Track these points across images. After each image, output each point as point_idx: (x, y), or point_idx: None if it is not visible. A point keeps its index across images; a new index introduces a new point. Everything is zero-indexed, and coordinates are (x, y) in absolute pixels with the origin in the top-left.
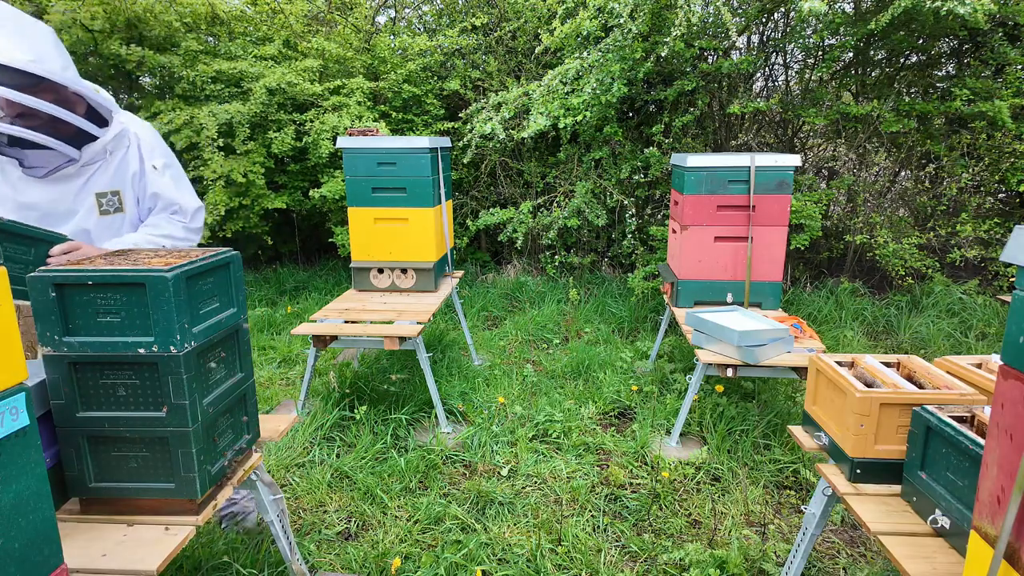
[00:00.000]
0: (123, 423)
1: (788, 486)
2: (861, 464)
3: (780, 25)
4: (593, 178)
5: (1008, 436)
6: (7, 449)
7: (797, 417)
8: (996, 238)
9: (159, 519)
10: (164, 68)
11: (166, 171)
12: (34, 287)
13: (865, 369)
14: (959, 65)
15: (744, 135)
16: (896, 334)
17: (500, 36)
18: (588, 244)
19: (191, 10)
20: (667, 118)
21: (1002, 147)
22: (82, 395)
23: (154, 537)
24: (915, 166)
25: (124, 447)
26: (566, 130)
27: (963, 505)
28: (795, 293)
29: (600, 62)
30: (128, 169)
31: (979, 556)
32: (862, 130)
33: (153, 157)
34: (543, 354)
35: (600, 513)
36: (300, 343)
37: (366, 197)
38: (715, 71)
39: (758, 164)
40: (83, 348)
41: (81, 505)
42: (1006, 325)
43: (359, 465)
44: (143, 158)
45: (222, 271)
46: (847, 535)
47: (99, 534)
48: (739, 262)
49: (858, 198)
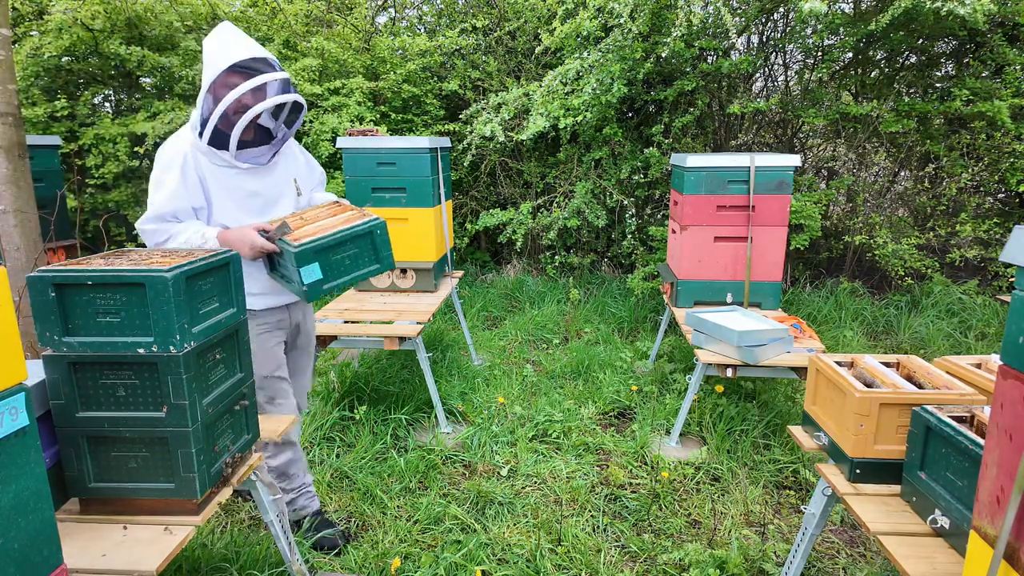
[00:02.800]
0: (123, 423)
1: (788, 486)
2: (861, 464)
3: (780, 25)
4: (593, 178)
5: (1008, 436)
6: (7, 449)
7: (797, 417)
8: (995, 238)
9: (159, 519)
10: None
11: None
12: (33, 287)
13: (865, 369)
14: (959, 65)
15: (744, 135)
16: (896, 334)
17: (500, 36)
18: (588, 244)
19: (191, 10)
20: (667, 118)
21: (1001, 147)
22: (82, 395)
23: (154, 537)
24: (915, 166)
25: (124, 447)
26: (566, 130)
27: (963, 505)
28: (795, 293)
29: (600, 62)
30: (296, 156)
31: (979, 556)
32: (862, 130)
33: (298, 146)
34: (543, 354)
35: (600, 513)
36: None
37: (366, 197)
38: (715, 71)
39: (758, 164)
40: (83, 348)
41: (81, 505)
42: (1005, 325)
43: (359, 465)
44: (299, 148)
45: (222, 271)
46: (847, 535)
47: (99, 534)
48: (739, 262)
49: (858, 198)
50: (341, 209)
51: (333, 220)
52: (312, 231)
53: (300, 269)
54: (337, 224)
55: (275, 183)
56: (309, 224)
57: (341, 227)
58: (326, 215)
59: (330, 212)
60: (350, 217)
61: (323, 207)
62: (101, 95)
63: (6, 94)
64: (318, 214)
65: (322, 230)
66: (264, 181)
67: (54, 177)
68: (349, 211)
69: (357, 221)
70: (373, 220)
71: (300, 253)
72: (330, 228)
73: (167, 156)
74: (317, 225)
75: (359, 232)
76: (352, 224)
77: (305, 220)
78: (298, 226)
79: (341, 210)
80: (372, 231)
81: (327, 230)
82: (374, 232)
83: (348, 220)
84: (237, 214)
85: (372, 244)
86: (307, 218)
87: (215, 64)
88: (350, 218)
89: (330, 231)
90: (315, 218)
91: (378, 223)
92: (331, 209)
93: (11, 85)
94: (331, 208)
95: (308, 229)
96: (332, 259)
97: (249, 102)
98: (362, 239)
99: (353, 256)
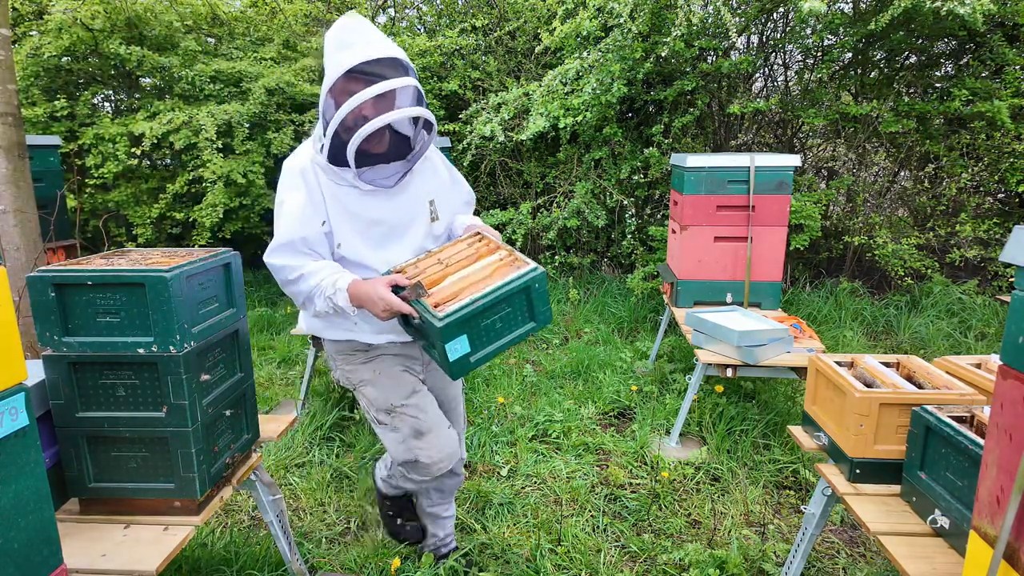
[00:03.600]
0: (123, 423)
1: (788, 486)
2: (861, 464)
3: (780, 25)
4: (593, 178)
5: (1008, 436)
6: (7, 449)
7: (797, 417)
8: (995, 238)
9: (159, 519)
10: (164, 68)
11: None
12: (33, 287)
13: (865, 369)
14: (958, 65)
15: (744, 135)
16: (895, 334)
17: (500, 36)
18: (588, 244)
19: (191, 10)
20: (667, 118)
21: (1001, 147)
22: (82, 395)
23: (154, 537)
24: (914, 166)
25: (124, 447)
26: (566, 130)
27: (963, 505)
28: (794, 293)
29: (600, 62)
30: (436, 171)
31: (979, 556)
32: (861, 130)
33: (442, 158)
34: (543, 354)
35: (600, 513)
36: (300, 343)
37: None
38: (715, 71)
39: (758, 164)
40: (83, 348)
41: (81, 505)
42: (1005, 325)
43: (359, 465)
44: (443, 161)
45: (222, 271)
46: (847, 535)
47: (99, 534)
48: (739, 262)
49: (857, 198)
50: (486, 246)
51: (478, 269)
52: (455, 290)
53: (446, 345)
54: (484, 277)
55: (405, 207)
56: (450, 272)
57: (492, 284)
58: (467, 258)
59: (473, 252)
60: (500, 265)
61: (464, 242)
62: (101, 95)
63: (6, 94)
64: (458, 256)
65: (467, 287)
66: (390, 205)
67: (54, 177)
68: (496, 251)
69: (511, 274)
70: (531, 272)
71: (445, 328)
72: (477, 284)
73: (289, 174)
74: (459, 277)
75: (514, 290)
76: (506, 280)
77: (444, 264)
78: (435, 278)
79: (486, 249)
80: (529, 287)
81: (473, 288)
82: (531, 288)
83: (498, 269)
84: (355, 243)
85: (528, 300)
86: (445, 261)
87: (334, 65)
88: (500, 266)
89: (479, 292)
90: (455, 261)
91: (537, 276)
92: (473, 246)
93: (11, 85)
94: (473, 246)
95: (450, 286)
96: (481, 325)
97: (370, 113)
98: (517, 296)
99: (505, 317)
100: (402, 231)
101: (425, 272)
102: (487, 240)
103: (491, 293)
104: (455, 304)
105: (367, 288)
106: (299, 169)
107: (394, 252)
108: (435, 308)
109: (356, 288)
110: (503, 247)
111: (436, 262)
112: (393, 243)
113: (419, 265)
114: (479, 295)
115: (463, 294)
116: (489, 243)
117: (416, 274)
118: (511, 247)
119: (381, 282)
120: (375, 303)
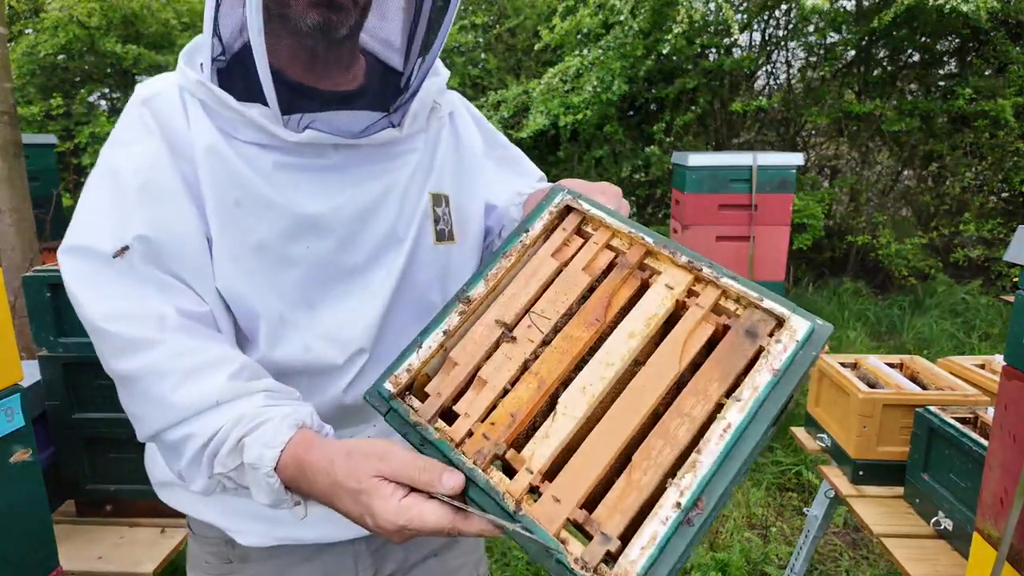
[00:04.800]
0: (118, 425)
1: (790, 488)
2: (864, 466)
3: (782, 23)
4: (593, 177)
5: (1011, 437)
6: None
7: (799, 418)
8: (999, 238)
9: (155, 521)
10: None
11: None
12: (29, 287)
13: (868, 370)
14: (962, 63)
15: (746, 133)
16: (899, 334)
17: (499, 33)
18: None
19: (188, 8)
20: (668, 116)
21: (1005, 146)
22: (77, 397)
23: (150, 539)
24: (918, 165)
25: (120, 449)
26: (566, 128)
27: (966, 507)
28: (797, 293)
29: (601, 59)
30: (457, 139)
31: (982, 558)
32: (864, 129)
33: (474, 112)
34: None
35: None
36: None
37: None
38: (717, 69)
39: (760, 163)
40: (78, 349)
41: (77, 507)
42: (1009, 326)
43: None
44: (475, 116)
45: None
46: (849, 537)
47: (95, 536)
48: (741, 262)
49: (861, 197)
50: (601, 260)
51: (619, 367)
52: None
53: None
54: (653, 400)
55: (379, 202)
56: (551, 386)
57: (718, 448)
58: (580, 326)
59: (584, 313)
60: (691, 332)
61: (542, 260)
62: (97, 93)
63: (1, 92)
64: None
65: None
66: (346, 194)
67: (50, 176)
68: (655, 276)
69: (761, 381)
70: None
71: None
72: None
73: (128, 119)
74: (579, 415)
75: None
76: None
77: (536, 363)
78: (522, 417)
79: (611, 285)
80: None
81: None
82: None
83: (685, 347)
84: (257, 279)
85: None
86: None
87: None
88: (689, 335)
89: (699, 475)
90: (553, 353)
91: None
92: (576, 277)
93: (6, 83)
94: (575, 276)
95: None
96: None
97: None
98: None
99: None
100: (368, 257)
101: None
102: (596, 238)
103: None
104: (647, 534)
105: (351, 468)
106: (151, 108)
107: (347, 305)
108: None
109: (315, 458)
110: (665, 255)
111: (520, 359)
112: (343, 283)
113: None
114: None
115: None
116: (602, 246)
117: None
118: (676, 245)
119: (406, 462)
120: (381, 516)
